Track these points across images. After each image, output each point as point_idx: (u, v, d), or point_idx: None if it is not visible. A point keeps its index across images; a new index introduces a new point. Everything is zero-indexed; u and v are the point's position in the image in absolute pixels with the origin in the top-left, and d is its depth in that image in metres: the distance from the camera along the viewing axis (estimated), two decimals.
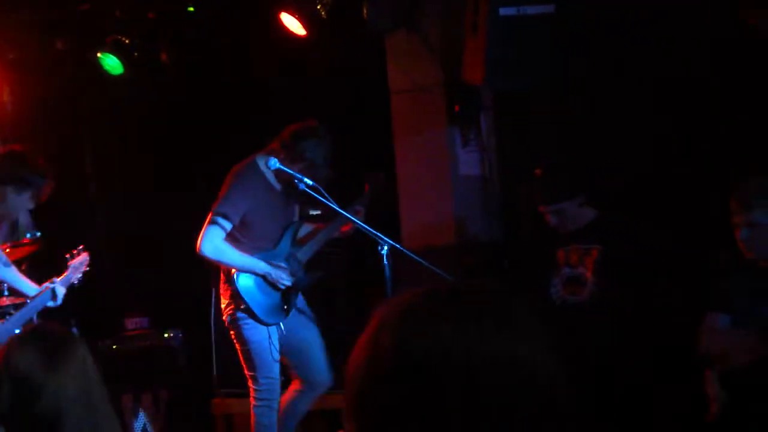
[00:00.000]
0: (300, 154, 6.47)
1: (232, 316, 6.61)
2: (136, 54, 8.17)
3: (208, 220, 6.49)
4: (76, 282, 6.70)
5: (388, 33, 7.99)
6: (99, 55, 8.19)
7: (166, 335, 8.16)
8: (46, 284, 6.49)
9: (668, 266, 6.38)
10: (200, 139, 8.64)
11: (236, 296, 6.56)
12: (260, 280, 6.59)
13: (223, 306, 6.68)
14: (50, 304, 6.48)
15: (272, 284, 6.61)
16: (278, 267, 6.62)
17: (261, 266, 6.57)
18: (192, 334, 8.17)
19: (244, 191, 6.51)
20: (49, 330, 3.74)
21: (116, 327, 8.27)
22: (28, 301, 6.48)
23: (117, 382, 8.03)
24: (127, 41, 8.15)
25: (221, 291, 6.70)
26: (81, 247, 6.81)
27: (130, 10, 8.15)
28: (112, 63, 8.18)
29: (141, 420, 8.15)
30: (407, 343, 1.60)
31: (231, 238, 6.52)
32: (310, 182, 6.32)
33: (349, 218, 6.41)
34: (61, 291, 6.50)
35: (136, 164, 8.92)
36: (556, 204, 6.59)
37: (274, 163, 6.39)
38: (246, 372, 6.66)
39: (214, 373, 7.83)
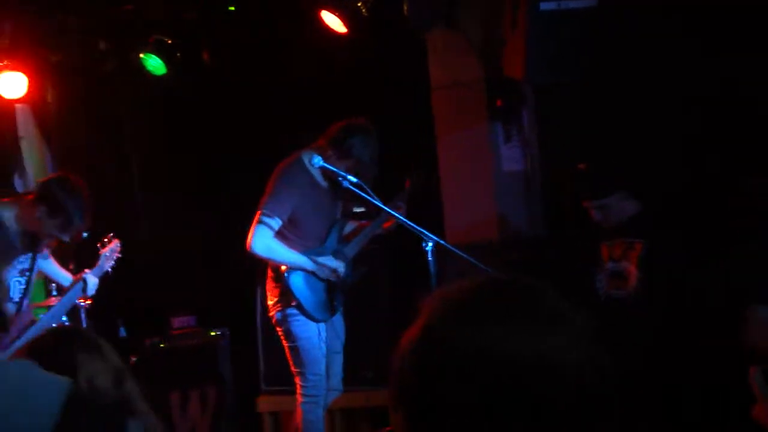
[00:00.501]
0: (347, 151, 6.50)
1: (282, 313, 6.63)
2: (178, 54, 8.21)
3: (256, 218, 6.51)
4: (110, 270, 6.71)
5: (428, 30, 7.99)
6: (141, 55, 8.23)
7: (212, 333, 8.20)
8: (79, 276, 6.52)
9: (711, 260, 6.35)
10: (243, 138, 8.67)
11: (286, 293, 6.58)
12: (309, 277, 6.61)
13: (270, 303, 6.71)
14: (82, 294, 6.51)
15: (321, 281, 6.63)
16: (327, 264, 6.64)
17: (311, 264, 6.59)
18: (238, 332, 8.21)
19: (291, 189, 6.53)
20: (75, 331, 3.80)
21: (163, 326, 8.33)
22: (56, 298, 6.55)
23: (164, 381, 8.10)
24: (169, 42, 8.18)
25: (268, 288, 6.73)
26: (111, 235, 6.81)
27: (172, 10, 8.19)
28: (154, 63, 8.22)
29: (190, 419, 8.20)
30: (454, 337, 1.61)
31: (279, 235, 6.54)
32: (354, 179, 6.36)
33: (393, 215, 6.43)
34: (92, 281, 6.52)
35: (179, 164, 8.96)
36: (600, 199, 6.55)
37: (318, 160, 6.43)
38: (293, 369, 6.69)
39: (261, 370, 7.87)
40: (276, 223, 6.49)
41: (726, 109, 6.96)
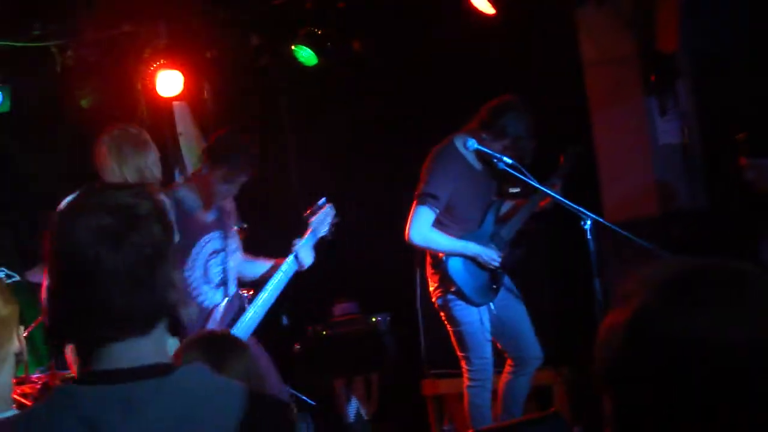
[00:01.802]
0: (502, 130, 6.46)
1: (443, 298, 6.63)
2: (329, 44, 8.28)
3: (413, 207, 6.52)
4: (328, 235, 6.63)
5: (578, 6, 7.91)
6: (293, 47, 8.33)
7: (374, 319, 8.26)
8: (292, 248, 6.42)
9: None
10: (396, 125, 8.72)
11: (446, 279, 6.57)
12: (469, 261, 6.59)
13: (431, 289, 6.71)
14: (297, 267, 6.42)
15: (481, 265, 6.61)
16: (487, 247, 6.62)
17: (470, 248, 6.57)
18: (400, 317, 8.25)
19: (447, 174, 6.51)
20: (216, 336, 3.87)
21: (325, 313, 8.42)
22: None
23: (328, 368, 8.19)
24: (319, 32, 8.26)
25: (429, 274, 6.73)
26: (323, 199, 6.77)
27: (322, 1, 8.27)
28: (306, 54, 8.31)
29: (354, 404, 8.29)
30: (665, 323, 1.59)
31: (436, 221, 6.54)
32: (509, 161, 6.33)
33: (550, 193, 6.39)
34: (305, 250, 6.41)
35: (335, 152, 9.06)
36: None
37: (473, 143, 6.41)
38: (458, 353, 6.69)
39: (423, 354, 7.90)
40: (433, 211, 6.48)
41: None
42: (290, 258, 6.39)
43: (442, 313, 6.69)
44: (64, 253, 2.20)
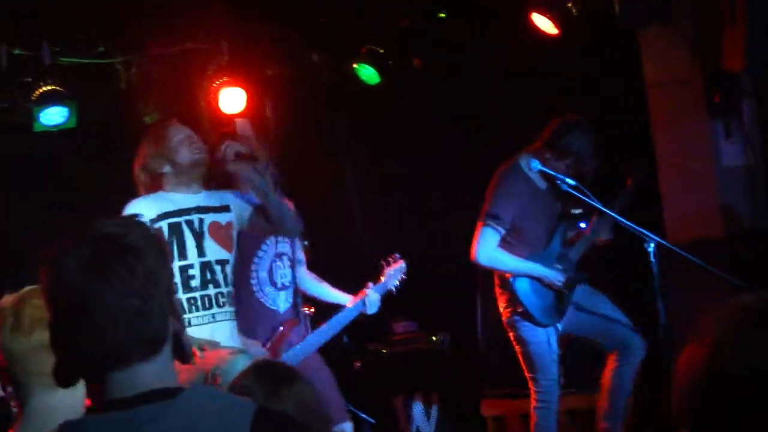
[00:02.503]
0: (566, 149, 6.48)
1: (511, 318, 6.65)
2: (390, 63, 8.30)
3: (478, 227, 6.54)
4: (393, 289, 6.82)
5: (641, 27, 7.87)
6: (355, 65, 8.36)
7: (434, 338, 8.26)
8: (363, 292, 6.61)
9: None
10: (457, 144, 8.73)
11: (513, 299, 6.59)
12: (535, 282, 6.59)
13: (501, 308, 6.73)
14: (363, 309, 6.59)
15: (548, 286, 6.61)
16: (553, 268, 6.61)
17: (536, 269, 6.57)
18: (460, 337, 8.25)
19: (511, 195, 6.53)
20: (273, 365, 3.89)
21: (385, 331, 8.43)
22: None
23: (388, 386, 8.20)
24: (381, 51, 8.28)
25: (498, 294, 6.75)
26: (397, 254, 6.94)
27: (383, 19, 8.29)
28: (367, 73, 8.33)
29: (414, 423, 8.28)
30: (744, 361, 1.60)
31: (502, 242, 6.55)
32: (572, 182, 6.33)
33: (613, 216, 6.37)
34: (374, 297, 6.59)
35: (395, 169, 9.07)
36: None
37: (536, 164, 6.42)
38: (526, 373, 6.70)
39: (483, 374, 7.89)
40: (498, 232, 6.51)
41: None
42: (358, 302, 6.55)
43: (510, 333, 6.70)
44: (54, 286, 2.21)
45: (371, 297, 6.57)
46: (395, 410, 8.32)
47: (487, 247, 6.50)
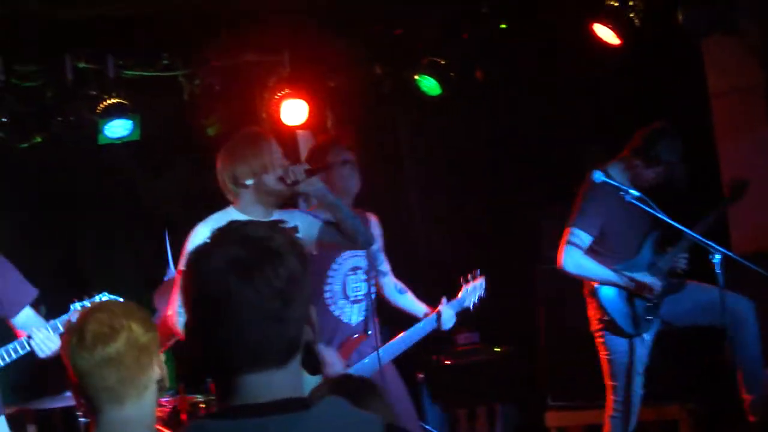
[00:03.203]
0: (655, 157, 6.45)
1: (596, 326, 6.63)
2: (452, 74, 8.29)
3: (565, 236, 6.53)
4: (471, 306, 6.82)
5: (704, 35, 7.82)
6: (416, 77, 8.36)
7: (496, 349, 8.26)
8: (438, 308, 6.60)
9: None
10: (519, 155, 8.71)
11: (599, 307, 6.57)
12: (623, 291, 6.55)
13: (589, 315, 6.71)
14: (436, 326, 6.59)
15: (635, 295, 6.55)
16: (641, 279, 6.53)
17: (623, 279, 6.53)
18: (522, 348, 8.23)
19: (598, 204, 6.48)
20: (353, 380, 3.90)
21: (448, 342, 8.42)
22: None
23: (451, 397, 8.19)
24: (442, 62, 8.28)
25: (587, 301, 6.71)
26: (477, 271, 6.93)
27: (444, 31, 8.29)
28: (429, 84, 8.32)
29: None
30: None
31: (591, 250, 6.53)
32: (636, 193, 6.29)
33: (679, 227, 6.32)
34: (448, 313, 6.60)
35: (457, 183, 9.07)
36: None
37: (599, 176, 6.36)
38: (606, 381, 6.65)
39: (547, 386, 7.86)
40: (586, 239, 6.49)
41: None
42: (431, 318, 6.56)
43: (596, 340, 6.66)
44: (197, 286, 2.23)
45: (446, 313, 6.57)
46: (458, 422, 8.31)
47: (574, 255, 6.48)
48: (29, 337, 5.63)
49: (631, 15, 7.61)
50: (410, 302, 6.73)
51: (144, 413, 3.16)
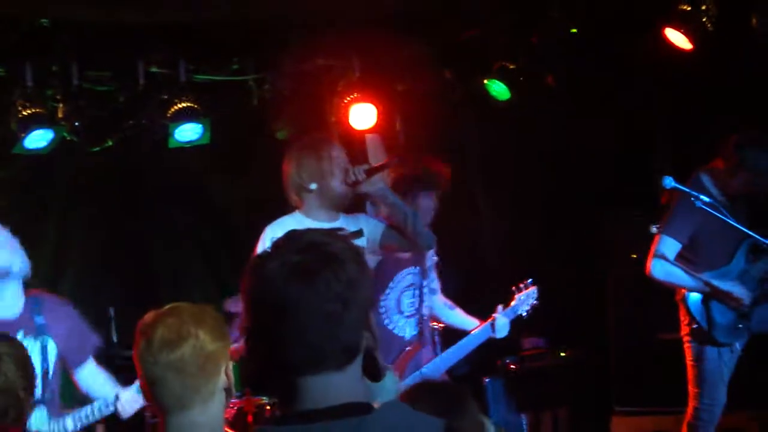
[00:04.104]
0: (740, 164, 6.38)
1: (685, 332, 6.58)
2: (521, 79, 8.27)
3: (655, 242, 6.49)
4: (524, 314, 6.85)
5: None
6: (485, 81, 8.35)
7: (562, 354, 8.23)
8: (492, 316, 6.64)
9: None
10: (590, 159, 8.67)
11: (688, 314, 6.52)
12: (713, 299, 6.49)
13: (681, 321, 6.66)
14: (491, 334, 6.63)
15: (725, 303, 6.48)
16: (730, 289, 6.46)
17: (711, 288, 6.46)
18: (589, 353, 8.18)
19: (689, 211, 6.41)
20: (447, 385, 3.89)
21: (514, 347, 8.40)
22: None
23: (516, 402, 8.16)
24: (512, 67, 8.26)
25: (679, 307, 6.68)
26: (530, 280, 6.96)
27: (514, 35, 8.27)
28: (498, 89, 8.31)
29: None
30: None
31: (680, 257, 6.49)
32: (706, 199, 6.24)
33: (751, 234, 6.26)
34: (502, 322, 6.64)
35: (526, 188, 9.05)
36: None
37: (669, 181, 6.31)
38: (690, 387, 6.61)
39: (614, 391, 7.81)
40: (675, 246, 6.45)
41: None
42: (486, 326, 6.60)
43: (685, 345, 6.60)
44: (258, 290, 2.25)
45: (500, 322, 6.61)
46: (523, 427, 8.28)
47: (662, 262, 6.45)
48: (117, 397, 5.36)
49: (704, 19, 7.54)
50: (460, 318, 6.80)
51: (211, 418, 3.18)
